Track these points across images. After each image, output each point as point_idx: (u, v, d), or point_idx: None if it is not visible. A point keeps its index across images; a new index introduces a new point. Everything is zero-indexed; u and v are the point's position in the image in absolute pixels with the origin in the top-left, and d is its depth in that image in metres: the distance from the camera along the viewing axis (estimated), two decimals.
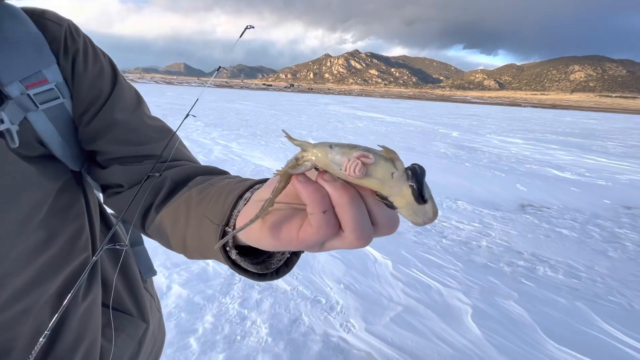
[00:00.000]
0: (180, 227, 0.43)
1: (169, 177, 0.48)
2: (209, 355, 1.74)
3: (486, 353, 1.85)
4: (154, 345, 0.68)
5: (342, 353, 1.81)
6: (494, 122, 20.20)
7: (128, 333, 0.58)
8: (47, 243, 0.44)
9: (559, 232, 3.69)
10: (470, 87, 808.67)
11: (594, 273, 2.84)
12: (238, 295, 2.24)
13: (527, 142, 11.25)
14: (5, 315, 0.40)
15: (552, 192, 5.26)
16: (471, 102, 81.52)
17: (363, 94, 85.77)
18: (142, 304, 0.62)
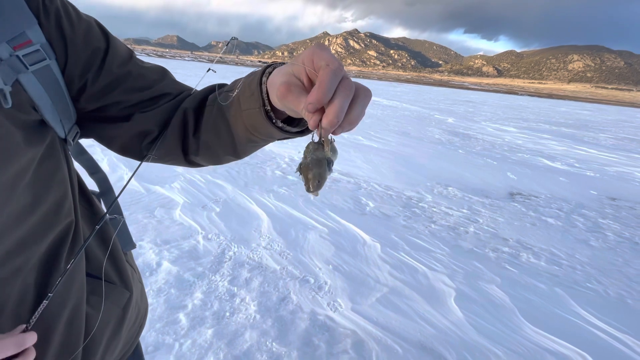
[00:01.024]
0: (225, 134, 0.50)
1: (189, 108, 0.52)
2: (198, 331, 1.77)
3: (466, 334, 1.93)
4: (137, 313, 0.69)
5: (328, 331, 1.86)
6: (489, 109, 20.18)
7: (112, 300, 0.59)
8: (32, 207, 0.44)
9: (544, 220, 3.78)
10: (469, 72, 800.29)
11: (574, 261, 2.94)
12: (228, 274, 2.27)
13: (520, 131, 11.31)
14: (1, 273, 0.41)
15: (541, 182, 5.35)
16: (469, 88, 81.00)
17: (361, 76, 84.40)
18: (124, 274, 0.64)
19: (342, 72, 0.33)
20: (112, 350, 0.61)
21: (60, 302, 0.48)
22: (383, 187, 4.30)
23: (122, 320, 0.62)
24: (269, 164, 4.81)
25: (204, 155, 0.55)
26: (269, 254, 2.54)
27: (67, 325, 0.50)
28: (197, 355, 1.63)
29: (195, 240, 2.62)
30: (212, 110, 0.51)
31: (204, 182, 3.83)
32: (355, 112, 0.34)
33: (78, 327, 0.52)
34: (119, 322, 0.61)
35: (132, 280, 0.66)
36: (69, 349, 0.51)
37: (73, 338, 0.51)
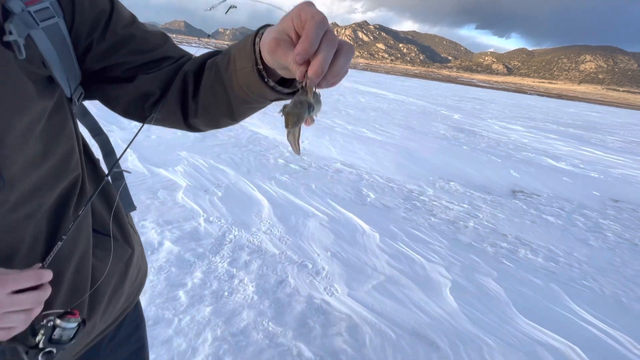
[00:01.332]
0: (222, 95, 0.51)
1: (189, 71, 0.54)
2: (196, 308, 1.82)
3: (460, 323, 1.96)
4: (138, 271, 0.73)
5: (323, 314, 1.90)
6: (497, 107, 19.96)
7: (116, 255, 0.62)
8: (44, 157, 0.46)
9: (545, 218, 3.78)
10: (478, 69, 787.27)
11: (572, 259, 2.95)
12: (228, 256, 2.31)
13: (527, 130, 11.21)
14: (15, 216, 0.44)
15: (544, 181, 5.33)
16: (477, 85, 79.99)
17: (368, 69, 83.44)
18: (126, 231, 0.67)
19: (327, 25, 0.34)
20: (115, 302, 0.64)
21: (69, 249, 0.51)
22: (385, 179, 4.31)
23: (125, 275, 0.66)
24: (272, 152, 4.82)
25: (202, 117, 0.56)
26: (269, 239, 2.57)
27: (75, 272, 0.53)
28: (196, 330, 1.67)
29: (196, 222, 2.66)
30: (210, 74, 0.52)
31: (207, 167, 3.86)
32: (338, 64, 0.35)
33: (85, 274, 0.55)
34: (122, 277, 0.65)
35: (133, 239, 0.69)
36: (77, 294, 0.54)
37: (81, 285, 0.54)
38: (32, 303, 0.43)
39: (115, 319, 0.68)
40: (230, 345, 1.62)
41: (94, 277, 0.57)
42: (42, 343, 0.48)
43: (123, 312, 0.70)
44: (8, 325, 0.42)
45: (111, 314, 0.65)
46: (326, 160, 4.78)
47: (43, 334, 0.48)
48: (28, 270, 0.43)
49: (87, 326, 0.57)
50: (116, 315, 0.68)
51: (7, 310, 0.41)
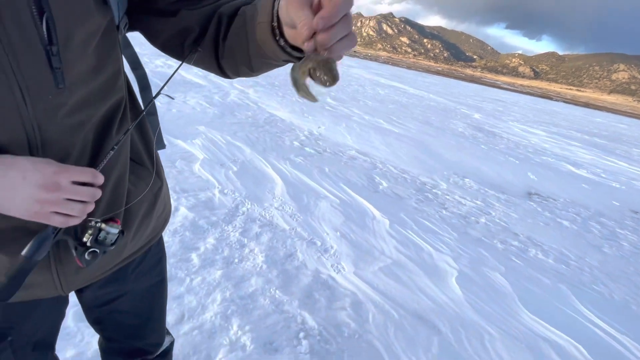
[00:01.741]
0: (244, 42, 0.52)
1: (224, 14, 0.56)
2: (208, 270, 1.88)
3: (462, 310, 1.97)
4: (164, 207, 0.77)
5: (329, 289, 1.94)
6: (519, 110, 19.39)
7: (147, 183, 0.67)
8: (97, 71, 0.50)
9: (559, 222, 3.71)
10: (504, 71, 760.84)
11: (583, 263, 2.90)
12: (240, 226, 2.36)
13: (549, 135, 10.88)
14: (69, 121, 0.48)
15: (562, 186, 5.20)
16: (501, 87, 77.59)
17: (389, 62, 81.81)
18: (157, 165, 0.72)
19: (351, 6, 0.36)
20: (143, 229, 0.69)
21: (110, 166, 0.54)
22: (399, 170, 4.29)
23: (154, 205, 0.70)
24: (288, 134, 4.85)
25: (226, 61, 0.58)
26: (280, 215, 2.62)
27: (114, 189, 0.57)
28: (206, 290, 1.74)
29: (211, 193, 2.72)
30: (239, 20, 0.54)
31: (224, 143, 3.92)
32: (341, 46, 0.38)
33: (122, 193, 0.59)
34: (151, 206, 0.69)
35: (163, 174, 0.73)
36: (114, 208, 0.58)
37: (117, 201, 0.58)
38: (88, 196, 0.48)
39: (142, 247, 0.73)
40: (238, 307, 1.68)
41: (128, 199, 0.62)
42: (89, 242, 0.53)
43: (149, 242, 0.75)
44: (67, 212, 0.47)
45: (139, 239, 0.70)
46: (341, 147, 4.78)
47: (90, 234, 0.53)
48: (86, 168, 0.47)
49: (121, 243, 0.61)
50: (143, 242, 0.73)
51: (68, 197, 0.46)
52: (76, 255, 0.53)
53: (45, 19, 0.42)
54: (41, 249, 0.48)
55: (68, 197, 0.46)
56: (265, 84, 9.10)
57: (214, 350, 1.43)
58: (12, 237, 0.51)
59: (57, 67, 0.45)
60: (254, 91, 7.69)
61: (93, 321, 0.87)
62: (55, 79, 0.45)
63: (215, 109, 5.37)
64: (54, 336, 0.78)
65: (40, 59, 0.44)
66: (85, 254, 0.53)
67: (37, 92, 0.45)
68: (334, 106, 7.96)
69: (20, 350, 0.67)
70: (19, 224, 0.49)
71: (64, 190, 0.45)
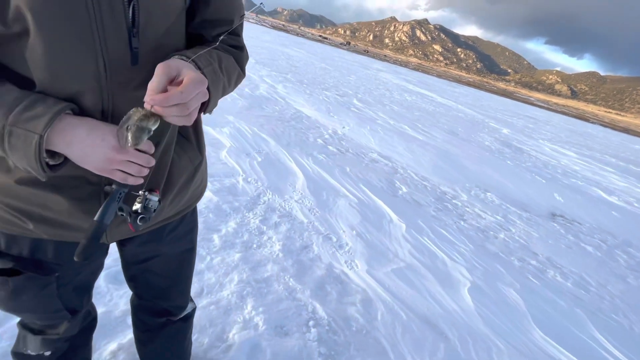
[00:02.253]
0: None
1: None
2: (227, 252, 1.97)
3: (472, 321, 1.96)
4: (201, 182, 0.85)
5: (341, 284, 1.99)
6: (551, 129, 18.65)
7: (189, 157, 0.75)
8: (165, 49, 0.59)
9: (583, 247, 3.59)
10: (539, 87, 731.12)
11: (604, 291, 2.80)
12: (260, 214, 2.45)
13: (580, 158, 10.43)
14: (137, 94, 0.55)
15: (589, 211, 5.00)
16: (534, 104, 74.64)
17: (419, 69, 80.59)
18: (201, 142, 0.79)
19: (185, 100, 0.50)
20: (180, 197, 0.77)
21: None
22: (419, 177, 4.27)
23: (192, 177, 0.77)
24: (312, 131, 4.92)
25: None
26: (299, 207, 2.69)
27: (161, 156, 0.66)
28: (225, 270, 1.83)
29: (235, 180, 2.83)
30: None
31: (251, 134, 4.03)
32: (173, 119, 0.52)
33: (167, 161, 0.68)
34: (190, 177, 0.77)
35: (204, 150, 0.81)
36: (158, 174, 0.67)
37: (161, 168, 0.67)
38: (145, 162, 0.55)
39: (178, 212, 0.81)
40: (253, 289, 1.76)
41: (171, 168, 0.70)
42: (140, 209, 0.61)
43: (184, 210, 0.83)
44: (128, 171, 0.55)
45: (176, 205, 0.78)
46: (363, 149, 4.80)
47: (139, 202, 0.61)
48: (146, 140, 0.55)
49: (159, 208, 0.69)
50: (179, 209, 0.81)
51: (131, 160, 0.54)
52: (130, 221, 0.61)
53: (132, 6, 0.51)
54: (108, 213, 0.57)
55: (130, 160, 0.54)
56: (294, 80, 9.23)
57: (228, 325, 1.51)
58: (73, 184, 0.60)
59: (135, 47, 0.53)
60: (283, 87, 7.82)
61: (129, 278, 0.96)
62: (132, 58, 0.54)
63: (244, 101, 5.52)
64: (91, 283, 0.87)
65: (124, 39, 0.52)
66: (137, 220, 0.61)
67: (116, 67, 0.54)
68: (360, 108, 7.97)
69: (62, 287, 0.76)
70: (82, 174, 0.59)
71: (129, 154, 0.53)
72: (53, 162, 0.53)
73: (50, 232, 0.64)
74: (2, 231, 0.66)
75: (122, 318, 1.42)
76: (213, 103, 0.62)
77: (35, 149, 0.48)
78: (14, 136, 0.49)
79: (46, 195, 0.60)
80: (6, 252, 0.68)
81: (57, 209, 0.61)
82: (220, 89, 0.63)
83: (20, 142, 0.49)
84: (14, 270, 0.67)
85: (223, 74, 0.64)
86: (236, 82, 0.74)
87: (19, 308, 0.74)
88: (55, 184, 0.59)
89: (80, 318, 0.91)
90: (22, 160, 0.50)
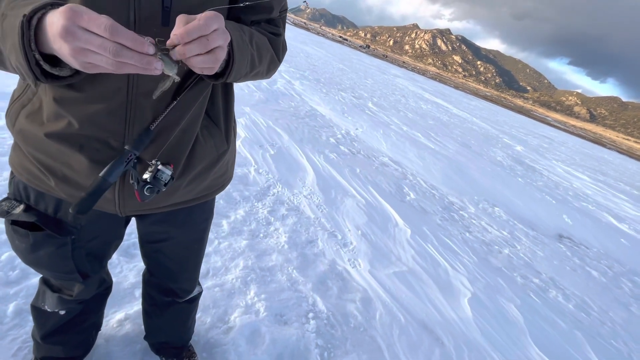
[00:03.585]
0: None
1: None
2: (235, 238, 2.02)
3: (469, 330, 1.97)
4: (224, 172, 0.84)
5: (342, 280, 2.01)
6: (566, 151, 18.36)
7: (215, 143, 0.74)
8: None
9: (588, 271, 3.54)
10: (557, 108, 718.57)
11: (606, 317, 2.77)
12: (269, 205, 2.49)
13: (594, 182, 10.25)
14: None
15: (598, 236, 4.92)
16: (550, 123, 73.39)
17: (437, 78, 79.98)
18: (230, 129, 0.78)
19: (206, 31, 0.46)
20: (199, 182, 0.76)
21: (186, 104, 0.64)
22: (428, 185, 4.26)
23: (215, 164, 0.77)
24: (325, 130, 4.95)
25: None
26: (307, 203, 2.72)
27: (182, 132, 0.66)
28: (231, 255, 1.87)
29: (247, 170, 2.87)
30: None
31: (265, 126, 4.08)
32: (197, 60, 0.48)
33: (189, 138, 0.68)
34: (212, 164, 0.76)
35: (232, 140, 0.80)
36: (177, 151, 0.67)
37: (183, 145, 0.67)
38: (99, 48, 0.42)
39: (194, 198, 0.80)
40: (257, 276, 1.79)
41: (194, 149, 0.70)
42: (149, 179, 0.62)
43: (201, 197, 0.81)
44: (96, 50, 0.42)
45: (193, 190, 0.77)
46: (375, 152, 4.81)
47: (150, 171, 0.63)
48: (101, 16, 0.43)
49: (173, 185, 0.70)
50: (196, 195, 0.80)
51: (83, 46, 0.42)
52: (137, 189, 0.62)
53: None
54: (114, 173, 0.57)
55: (82, 46, 0.41)
56: (311, 78, 9.27)
57: (230, 308, 1.55)
58: (96, 146, 0.62)
59: (167, 5, 0.54)
60: (300, 84, 7.86)
61: (143, 254, 1.00)
62: (162, 17, 0.54)
63: (261, 94, 5.58)
64: (106, 251, 0.89)
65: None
66: (144, 189, 0.62)
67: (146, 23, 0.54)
68: (375, 112, 7.98)
69: (77, 250, 0.79)
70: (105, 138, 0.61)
71: (79, 39, 0.41)
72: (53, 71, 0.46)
73: (68, 192, 0.66)
74: (32, 186, 0.69)
75: (131, 290, 1.46)
76: (237, 68, 0.58)
77: (19, 33, 0.41)
78: (6, 20, 0.45)
79: (71, 154, 0.61)
80: (34, 206, 0.71)
81: (77, 168, 0.62)
82: (247, 58, 0.61)
83: (9, 28, 0.43)
84: (36, 225, 0.71)
85: (252, 47, 0.62)
86: (269, 66, 0.73)
87: (36, 262, 0.78)
88: (81, 143, 0.61)
89: (95, 284, 0.95)
90: (12, 54, 0.44)
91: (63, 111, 0.59)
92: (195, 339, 1.35)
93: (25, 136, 0.64)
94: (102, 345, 1.22)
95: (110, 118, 0.60)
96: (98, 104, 0.59)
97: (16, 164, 0.68)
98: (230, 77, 0.59)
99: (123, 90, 0.58)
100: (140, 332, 1.26)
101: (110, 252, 0.92)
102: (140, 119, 0.61)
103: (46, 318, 0.95)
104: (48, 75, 0.46)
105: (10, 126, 0.66)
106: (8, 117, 0.66)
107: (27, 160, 0.66)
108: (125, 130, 0.61)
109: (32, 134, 0.62)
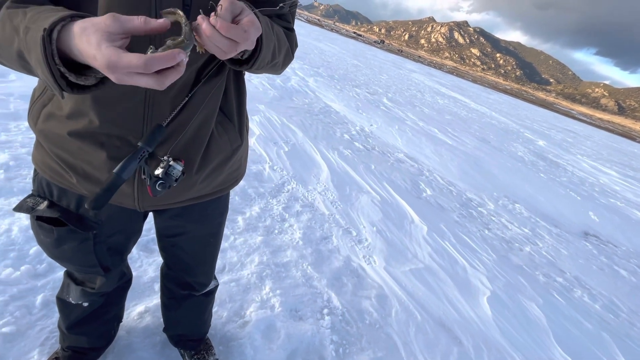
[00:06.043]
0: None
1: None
2: (250, 234, 2.04)
3: (488, 330, 1.92)
4: (238, 167, 0.84)
5: (357, 277, 2.00)
6: (592, 145, 17.55)
7: (229, 138, 0.75)
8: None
9: (616, 270, 3.38)
10: (582, 100, 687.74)
11: (636, 319, 2.64)
12: (283, 202, 2.50)
13: (622, 178, 9.75)
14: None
15: (627, 234, 4.69)
16: (575, 117, 70.29)
17: (454, 72, 77.97)
18: (243, 124, 0.79)
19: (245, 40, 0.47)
20: (214, 177, 0.77)
21: (200, 101, 0.64)
22: (445, 182, 4.17)
23: (229, 159, 0.78)
24: (340, 126, 4.92)
25: None
26: (322, 199, 2.71)
27: (198, 128, 0.67)
28: (246, 250, 1.89)
29: (262, 167, 2.89)
30: None
31: (279, 124, 4.10)
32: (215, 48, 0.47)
33: (204, 134, 0.69)
34: (226, 159, 0.77)
35: (245, 135, 0.81)
36: (192, 148, 0.68)
37: (197, 141, 0.68)
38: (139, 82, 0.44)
39: (210, 193, 0.81)
40: (272, 271, 1.81)
41: (209, 146, 0.71)
42: (161, 174, 0.63)
43: (217, 192, 0.83)
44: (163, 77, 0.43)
45: (209, 185, 0.78)
46: (390, 148, 4.75)
47: (162, 167, 0.63)
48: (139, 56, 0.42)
49: (188, 182, 0.71)
50: (211, 190, 0.81)
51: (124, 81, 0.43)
52: (149, 184, 0.63)
53: None
54: (127, 169, 0.58)
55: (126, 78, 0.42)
56: (325, 75, 9.24)
57: (246, 303, 1.57)
58: (116, 144, 0.63)
59: (187, 4, 0.54)
60: (314, 80, 7.85)
61: (161, 248, 1.02)
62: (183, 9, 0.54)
63: (275, 91, 5.60)
64: (126, 246, 0.91)
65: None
66: (156, 185, 0.63)
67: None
68: (390, 107, 7.87)
69: (98, 245, 0.81)
70: (125, 135, 0.62)
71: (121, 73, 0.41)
72: (79, 81, 0.45)
73: (88, 188, 0.67)
74: (55, 183, 0.71)
75: (150, 284, 1.50)
76: (263, 57, 0.58)
77: (41, 47, 0.41)
78: (29, 34, 0.44)
79: (91, 151, 0.63)
80: (57, 202, 0.73)
81: (97, 165, 0.64)
82: (271, 47, 0.61)
83: (32, 42, 0.43)
84: (59, 221, 0.73)
85: (274, 36, 0.62)
86: (285, 58, 0.72)
87: (60, 256, 0.81)
88: (102, 140, 0.62)
89: (116, 278, 0.98)
90: (37, 67, 0.44)
91: (84, 110, 0.61)
92: (212, 333, 1.37)
93: (47, 135, 0.65)
94: (124, 337, 1.26)
95: (129, 116, 0.61)
96: (118, 103, 0.60)
97: (39, 162, 0.71)
98: (255, 66, 0.59)
99: (142, 88, 0.59)
100: (160, 325, 1.29)
101: (130, 246, 0.94)
102: (158, 116, 0.62)
103: (70, 310, 0.99)
104: (74, 86, 0.46)
105: (32, 125, 0.68)
106: (30, 117, 0.69)
107: (50, 157, 0.68)
108: (143, 128, 0.62)
109: (54, 133, 0.64)
